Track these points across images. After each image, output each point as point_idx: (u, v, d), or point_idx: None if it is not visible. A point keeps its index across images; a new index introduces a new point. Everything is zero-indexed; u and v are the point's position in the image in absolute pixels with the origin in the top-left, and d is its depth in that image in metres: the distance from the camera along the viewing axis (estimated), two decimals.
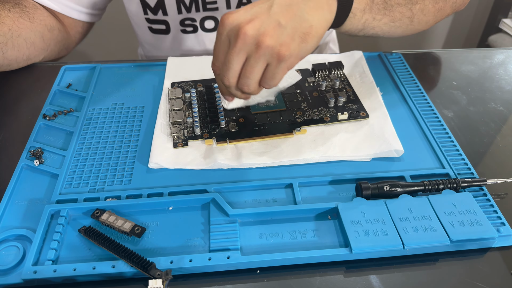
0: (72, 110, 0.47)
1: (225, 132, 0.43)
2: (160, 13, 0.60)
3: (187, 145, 0.42)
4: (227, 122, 0.44)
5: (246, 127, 0.44)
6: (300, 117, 0.45)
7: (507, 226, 0.35)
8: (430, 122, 0.46)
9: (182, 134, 0.43)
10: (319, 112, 0.46)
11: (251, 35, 0.35)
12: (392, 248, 0.33)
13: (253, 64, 0.36)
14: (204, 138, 0.43)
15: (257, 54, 0.36)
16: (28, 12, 0.53)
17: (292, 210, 0.36)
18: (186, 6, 0.58)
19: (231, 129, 0.44)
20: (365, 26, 0.45)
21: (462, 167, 0.41)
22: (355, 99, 0.48)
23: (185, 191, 0.38)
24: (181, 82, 0.50)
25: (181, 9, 0.58)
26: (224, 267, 0.33)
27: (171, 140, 0.43)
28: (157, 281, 0.30)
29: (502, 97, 0.51)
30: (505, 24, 1.22)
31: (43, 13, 0.55)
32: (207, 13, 0.60)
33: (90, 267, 0.32)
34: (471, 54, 0.59)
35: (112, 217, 0.35)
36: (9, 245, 0.34)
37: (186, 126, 0.44)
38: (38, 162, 0.41)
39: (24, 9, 0.53)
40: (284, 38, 0.36)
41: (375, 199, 0.37)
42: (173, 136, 0.43)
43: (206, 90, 0.48)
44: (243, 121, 0.44)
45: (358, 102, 0.47)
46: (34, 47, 0.53)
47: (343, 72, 0.51)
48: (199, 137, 0.43)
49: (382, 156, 0.42)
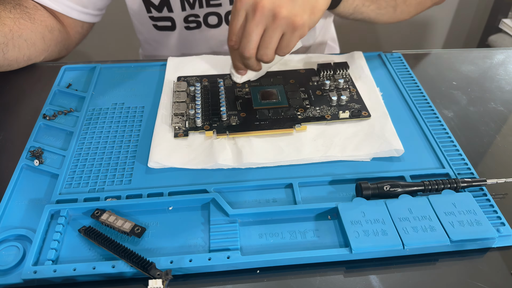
0: (72, 110, 0.47)
1: (226, 125, 0.44)
2: (165, 10, 0.61)
3: (187, 136, 0.43)
4: (229, 115, 0.45)
5: (247, 121, 0.44)
6: (302, 114, 0.45)
7: (507, 226, 0.35)
8: (430, 122, 0.46)
9: (184, 125, 0.44)
10: (321, 110, 0.46)
11: (268, 8, 0.39)
12: (392, 248, 0.33)
13: (271, 35, 0.40)
14: (205, 130, 0.43)
15: (275, 24, 0.39)
16: (28, 13, 0.53)
17: (292, 210, 0.36)
18: (190, 3, 0.58)
19: (232, 123, 0.44)
20: (355, 10, 0.52)
21: (462, 167, 0.41)
22: (358, 99, 0.48)
23: (185, 191, 0.38)
24: (187, 76, 0.51)
25: (185, 6, 0.59)
26: (224, 267, 0.33)
27: (172, 130, 0.43)
28: (157, 281, 0.30)
29: (502, 97, 0.51)
30: (505, 24, 1.22)
31: (43, 13, 0.55)
32: (211, 9, 0.60)
33: (90, 267, 0.32)
34: (471, 54, 0.59)
35: (112, 217, 0.35)
36: (9, 245, 0.34)
37: (188, 117, 0.45)
38: (38, 162, 0.41)
39: (25, 10, 0.53)
40: (297, 9, 0.39)
41: (375, 199, 0.37)
42: (174, 126, 0.43)
43: (211, 85, 0.49)
44: (245, 116, 0.45)
45: (361, 102, 0.47)
46: (34, 47, 0.53)
47: (348, 72, 0.51)
48: (200, 129, 0.43)
49: (382, 155, 0.42)
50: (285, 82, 0.50)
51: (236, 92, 0.48)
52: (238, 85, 0.49)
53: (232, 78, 0.49)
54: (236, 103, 0.47)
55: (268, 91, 0.48)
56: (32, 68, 0.55)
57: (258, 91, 0.48)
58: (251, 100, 0.47)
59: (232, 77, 0.48)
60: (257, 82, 0.50)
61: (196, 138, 0.43)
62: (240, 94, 0.48)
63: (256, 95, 0.48)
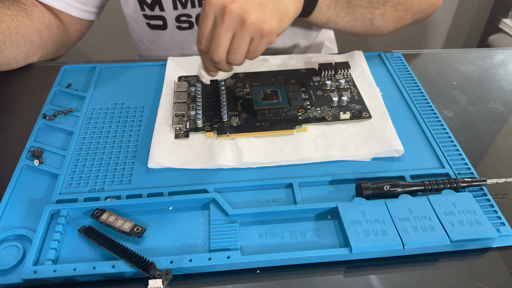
0: (72, 110, 0.47)
1: (226, 126, 0.44)
2: (157, 8, 0.60)
3: (188, 137, 0.43)
4: (229, 116, 0.45)
5: (248, 122, 0.44)
6: (302, 115, 0.45)
7: (507, 226, 0.35)
8: (430, 122, 0.46)
9: (185, 126, 0.44)
10: (321, 110, 0.46)
11: (236, 13, 0.38)
12: (392, 248, 0.33)
13: (240, 40, 0.40)
14: (206, 130, 0.43)
15: (243, 30, 0.39)
16: (26, 10, 0.53)
17: (292, 210, 0.36)
18: (182, 2, 0.58)
19: (232, 123, 0.44)
20: (329, 20, 0.52)
21: (462, 167, 0.41)
22: (359, 99, 0.48)
23: (185, 191, 0.38)
24: (188, 76, 0.51)
25: (177, 5, 0.59)
26: (224, 267, 0.33)
27: (173, 131, 0.43)
28: (157, 281, 0.30)
29: (502, 97, 0.51)
30: (505, 24, 1.22)
31: (41, 10, 0.55)
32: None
33: (90, 267, 0.32)
34: (471, 54, 0.59)
35: (112, 217, 0.35)
36: (9, 245, 0.34)
37: (189, 118, 0.45)
38: (38, 162, 0.41)
39: (23, 7, 0.53)
40: (265, 16, 0.39)
41: (375, 199, 0.37)
42: (175, 127, 0.43)
43: (212, 85, 0.49)
44: (245, 116, 0.45)
45: (362, 103, 0.47)
46: (31, 44, 0.53)
47: (350, 72, 0.51)
48: (201, 130, 0.43)
49: (383, 156, 0.42)
50: (286, 82, 0.50)
51: (237, 92, 0.48)
52: (240, 85, 0.49)
53: (200, 79, 0.49)
54: (237, 103, 0.47)
55: (269, 91, 0.48)
56: (32, 68, 0.55)
57: (259, 91, 0.48)
58: (251, 100, 0.47)
59: (201, 78, 0.48)
60: (258, 82, 0.50)
61: (196, 138, 0.43)
62: (241, 94, 0.48)
63: (257, 95, 0.48)
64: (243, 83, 0.50)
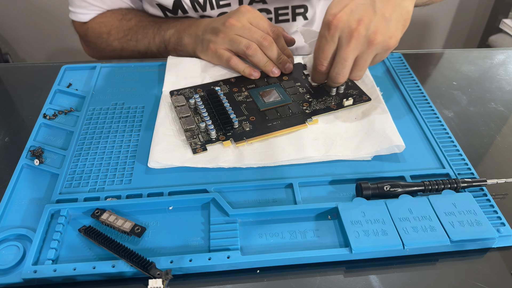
0: (72, 109, 0.47)
1: (240, 132, 0.43)
2: (180, 13, 0.61)
3: (206, 150, 0.41)
4: (240, 122, 0.44)
5: (259, 124, 0.44)
6: (308, 108, 0.46)
7: (507, 226, 0.35)
8: (430, 122, 0.46)
9: (199, 140, 0.42)
10: (324, 101, 0.47)
11: (364, 35, 0.40)
12: (392, 248, 0.33)
13: (366, 59, 0.42)
14: (221, 140, 0.42)
15: (369, 50, 0.40)
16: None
17: (292, 210, 0.36)
18: (201, 5, 0.59)
19: (245, 128, 0.44)
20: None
21: (462, 167, 0.41)
22: (353, 85, 0.49)
23: (185, 191, 0.38)
24: (180, 90, 0.49)
25: (197, 8, 0.59)
26: (224, 267, 0.33)
27: (189, 147, 0.42)
28: (157, 280, 0.30)
29: (502, 97, 0.51)
30: (505, 24, 1.22)
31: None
32: (221, 9, 0.60)
33: (90, 267, 0.32)
34: (472, 54, 0.59)
35: (112, 216, 0.35)
36: (9, 245, 0.34)
37: (200, 131, 0.43)
38: (38, 161, 0.41)
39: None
40: (391, 31, 0.40)
41: (375, 199, 0.37)
42: (190, 142, 0.42)
43: (208, 94, 0.48)
44: (254, 119, 0.45)
45: (357, 88, 0.49)
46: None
47: None
48: (216, 140, 0.42)
49: (384, 153, 0.42)
50: (279, 80, 0.50)
51: (236, 98, 0.48)
52: (235, 89, 0.49)
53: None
54: (241, 107, 0.46)
55: (268, 91, 0.48)
56: (32, 68, 0.55)
57: (258, 92, 0.48)
58: (254, 102, 0.47)
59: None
60: (253, 84, 0.50)
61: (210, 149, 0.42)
62: (240, 99, 0.48)
63: (257, 97, 0.48)
64: (239, 88, 0.49)
